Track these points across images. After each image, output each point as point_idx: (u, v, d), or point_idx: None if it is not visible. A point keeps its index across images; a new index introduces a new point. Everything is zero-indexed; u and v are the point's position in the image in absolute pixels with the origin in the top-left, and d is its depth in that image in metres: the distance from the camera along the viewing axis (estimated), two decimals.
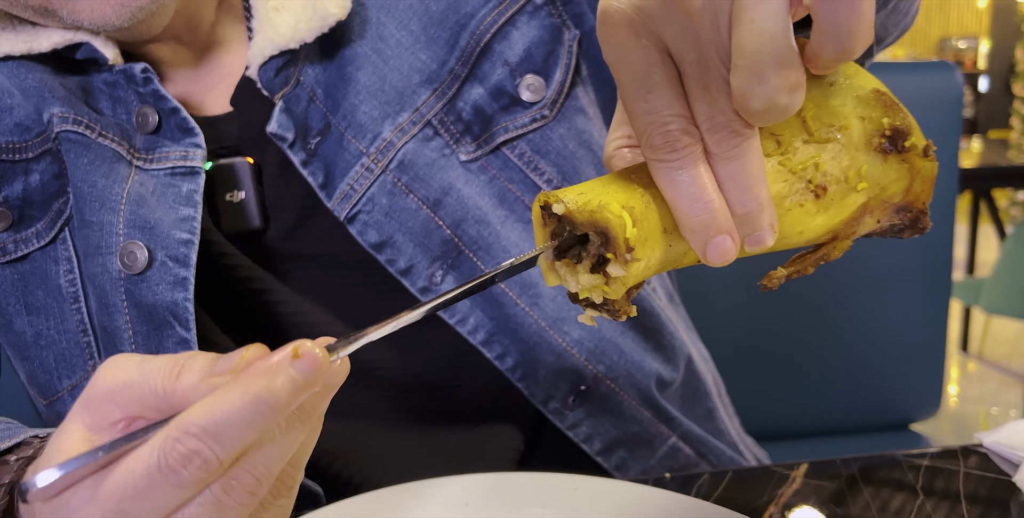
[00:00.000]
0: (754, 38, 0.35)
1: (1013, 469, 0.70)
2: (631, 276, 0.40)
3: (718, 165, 0.38)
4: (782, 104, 0.36)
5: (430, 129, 0.71)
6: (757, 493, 0.67)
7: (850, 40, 0.34)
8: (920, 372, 1.43)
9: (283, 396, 0.34)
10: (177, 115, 0.69)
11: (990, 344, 4.00)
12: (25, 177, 0.70)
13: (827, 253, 0.44)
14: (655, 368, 0.79)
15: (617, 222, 0.39)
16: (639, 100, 0.38)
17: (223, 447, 0.34)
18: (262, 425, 0.35)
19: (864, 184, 0.42)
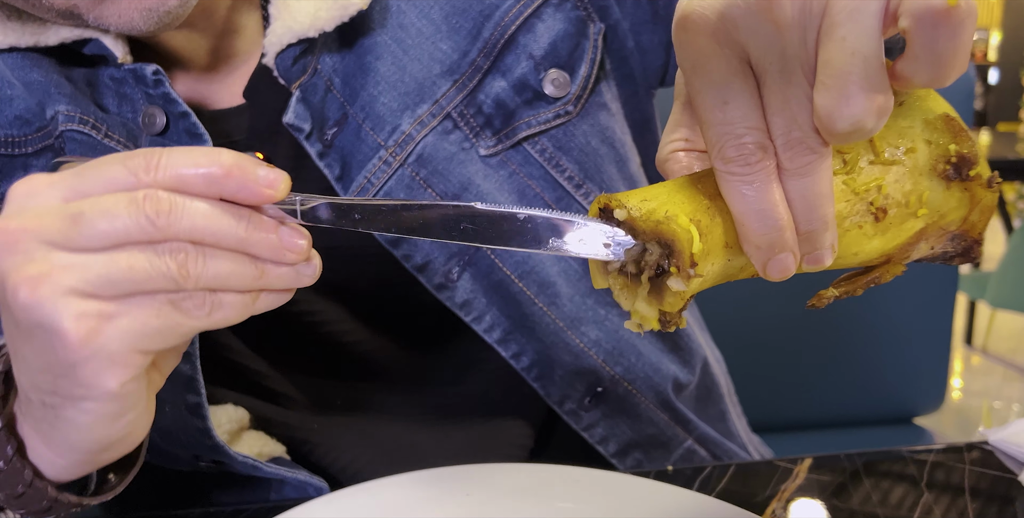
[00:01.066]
0: (845, 57, 0.34)
1: (1018, 467, 0.70)
2: (691, 291, 0.40)
3: (789, 181, 0.37)
4: (868, 127, 0.35)
5: (450, 122, 0.70)
6: (760, 487, 0.67)
7: (945, 69, 0.33)
8: (925, 367, 1.43)
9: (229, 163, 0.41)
10: (187, 119, 0.68)
11: (994, 338, 3.99)
12: (24, 172, 0.68)
13: (879, 276, 0.44)
14: (672, 371, 0.79)
15: (685, 236, 0.38)
16: (715, 110, 0.37)
17: (167, 159, 0.40)
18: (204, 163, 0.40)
19: (924, 210, 0.41)
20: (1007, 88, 6.70)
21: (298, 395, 0.78)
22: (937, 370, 1.44)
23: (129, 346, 0.40)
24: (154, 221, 0.39)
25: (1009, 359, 3.81)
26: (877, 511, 0.63)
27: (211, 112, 0.71)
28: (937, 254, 0.44)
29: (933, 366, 1.43)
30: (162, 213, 0.39)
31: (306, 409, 0.78)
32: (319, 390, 0.79)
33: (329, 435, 0.77)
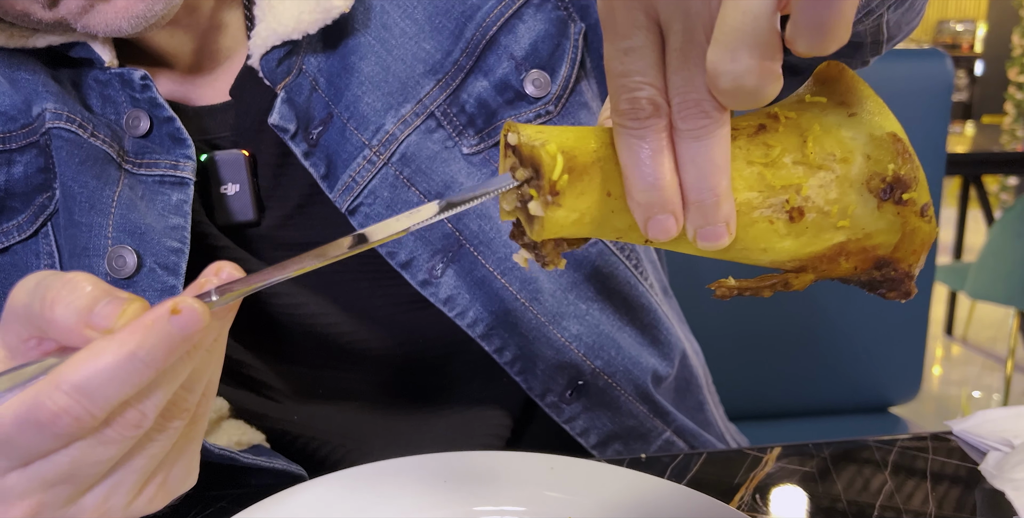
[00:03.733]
0: (737, 15, 0.34)
1: (980, 457, 0.72)
2: (552, 221, 0.40)
3: (681, 143, 0.37)
4: (749, 86, 0.35)
5: (433, 121, 0.71)
6: (730, 475, 0.69)
7: (824, 38, 0.34)
8: (901, 356, 1.45)
9: (159, 353, 0.35)
10: (171, 124, 0.68)
11: (974, 328, 4.04)
12: (8, 168, 0.69)
13: (787, 281, 0.43)
14: (651, 364, 0.80)
15: (548, 161, 0.39)
16: (615, 60, 0.38)
17: (95, 403, 0.35)
18: (137, 381, 0.35)
19: (845, 223, 0.41)
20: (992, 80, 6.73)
21: (280, 384, 0.79)
22: (912, 360, 1.46)
23: (123, 503, 0.40)
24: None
25: (988, 349, 3.85)
26: (842, 497, 0.66)
27: (195, 108, 0.72)
28: (863, 278, 0.43)
29: (909, 356, 1.46)
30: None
31: (287, 398, 0.79)
32: (300, 379, 0.80)
33: (310, 424, 0.79)
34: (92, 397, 0.35)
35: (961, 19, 8.45)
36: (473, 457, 0.65)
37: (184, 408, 0.40)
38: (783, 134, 0.41)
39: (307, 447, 0.78)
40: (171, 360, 0.36)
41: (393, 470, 0.63)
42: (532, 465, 0.64)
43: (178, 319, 0.35)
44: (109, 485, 0.39)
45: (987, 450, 0.72)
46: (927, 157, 1.38)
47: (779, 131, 0.41)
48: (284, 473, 0.70)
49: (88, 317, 0.36)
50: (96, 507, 0.39)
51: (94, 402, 0.35)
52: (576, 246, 0.43)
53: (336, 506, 0.60)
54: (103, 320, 0.36)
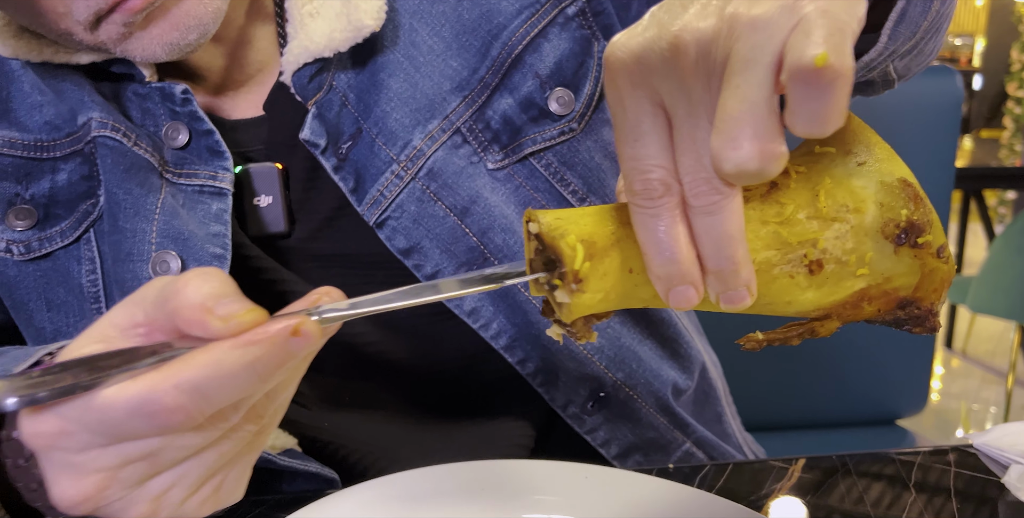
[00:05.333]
0: (735, 103, 0.36)
1: (1001, 470, 0.73)
2: (578, 305, 0.41)
3: (695, 219, 0.39)
4: (752, 170, 0.36)
5: (459, 136, 0.72)
6: (757, 485, 0.70)
7: (819, 124, 0.35)
8: (908, 371, 1.47)
9: (274, 367, 0.37)
10: (210, 137, 0.70)
11: (974, 341, 4.06)
12: (52, 176, 0.71)
13: (814, 329, 0.44)
14: (672, 376, 0.82)
15: (569, 253, 0.40)
16: (626, 146, 0.40)
17: (208, 404, 0.37)
18: (249, 390, 0.37)
19: (864, 270, 0.42)
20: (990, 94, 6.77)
21: (309, 391, 0.80)
22: (920, 374, 1.48)
23: (180, 497, 0.42)
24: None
25: (987, 362, 3.87)
26: (868, 510, 0.67)
27: (231, 122, 0.74)
28: (888, 319, 0.44)
29: (916, 371, 1.47)
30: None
31: (316, 405, 0.80)
32: (328, 387, 0.81)
33: (339, 431, 0.80)
34: (207, 398, 0.36)
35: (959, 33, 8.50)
36: (510, 465, 0.66)
37: (260, 414, 0.42)
38: (795, 190, 0.42)
39: (337, 454, 0.79)
40: (279, 375, 0.37)
41: (431, 477, 0.64)
42: (568, 474, 0.65)
43: (297, 341, 0.37)
44: (176, 474, 0.40)
45: (1008, 463, 0.73)
46: (936, 171, 1.40)
47: (791, 187, 0.42)
48: (317, 477, 0.71)
49: (213, 304, 0.37)
50: (157, 496, 0.40)
51: (208, 403, 0.37)
52: (606, 318, 0.45)
53: (379, 513, 0.61)
54: (226, 310, 0.37)
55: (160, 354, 0.37)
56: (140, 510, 0.40)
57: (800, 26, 0.35)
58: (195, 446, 0.39)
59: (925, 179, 1.50)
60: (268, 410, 0.42)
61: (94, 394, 0.36)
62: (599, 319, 0.45)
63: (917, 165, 1.53)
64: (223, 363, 0.36)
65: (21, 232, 0.70)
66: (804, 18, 0.35)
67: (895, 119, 1.36)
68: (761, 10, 0.36)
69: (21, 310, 0.72)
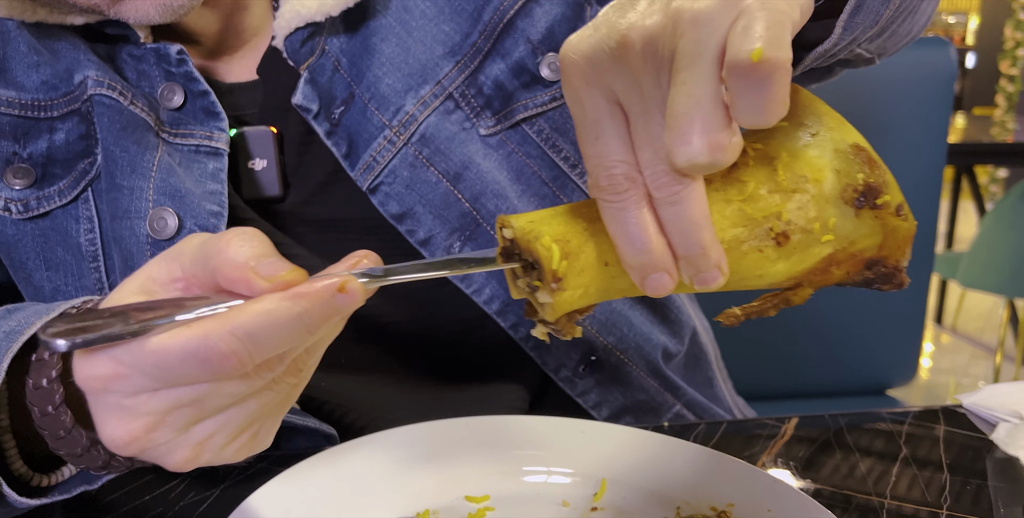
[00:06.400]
0: (683, 99, 0.37)
1: (989, 429, 0.74)
2: (560, 303, 0.42)
3: (660, 209, 0.40)
4: (703, 164, 0.37)
5: (451, 102, 0.72)
6: (750, 443, 0.71)
7: (761, 117, 0.36)
8: (899, 341, 1.48)
9: (320, 321, 0.38)
10: (205, 98, 0.71)
11: (964, 318, 4.09)
12: (50, 135, 0.71)
13: (788, 298, 0.45)
14: (662, 341, 0.83)
15: (545, 255, 0.41)
16: (588, 144, 0.41)
17: (259, 351, 0.38)
18: (295, 340, 0.38)
19: (829, 237, 0.43)
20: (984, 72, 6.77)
21: None
22: (910, 344, 1.49)
23: (221, 443, 0.43)
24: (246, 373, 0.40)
25: (977, 338, 3.90)
26: (860, 466, 0.68)
27: (225, 86, 0.74)
28: (857, 280, 0.46)
29: (907, 341, 1.49)
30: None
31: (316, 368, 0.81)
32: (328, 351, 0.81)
33: (336, 392, 0.81)
34: (259, 345, 0.37)
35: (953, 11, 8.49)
36: (509, 421, 0.67)
37: (300, 368, 0.43)
38: (754, 167, 0.43)
39: (333, 413, 0.80)
40: (324, 329, 0.39)
41: (431, 432, 0.65)
42: (566, 429, 0.66)
43: (343, 297, 0.38)
44: (220, 421, 0.42)
45: (996, 422, 0.75)
46: (929, 145, 1.40)
47: (749, 165, 0.43)
48: (315, 434, 0.72)
49: (255, 264, 0.38)
50: (200, 441, 0.42)
51: (259, 350, 0.38)
52: (588, 312, 0.46)
53: (380, 467, 0.62)
54: (269, 270, 0.38)
55: (206, 304, 0.38)
56: (183, 454, 0.42)
57: (739, 20, 0.36)
58: (240, 394, 0.41)
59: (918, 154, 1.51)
60: (307, 364, 0.43)
61: (148, 338, 0.38)
62: (581, 314, 0.46)
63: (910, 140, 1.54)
64: (275, 313, 0.37)
65: (19, 191, 0.70)
66: (744, 12, 0.36)
67: (887, 93, 1.37)
68: (703, 5, 0.37)
69: (20, 269, 0.72)
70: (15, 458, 0.52)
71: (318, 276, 0.39)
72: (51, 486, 0.54)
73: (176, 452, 0.42)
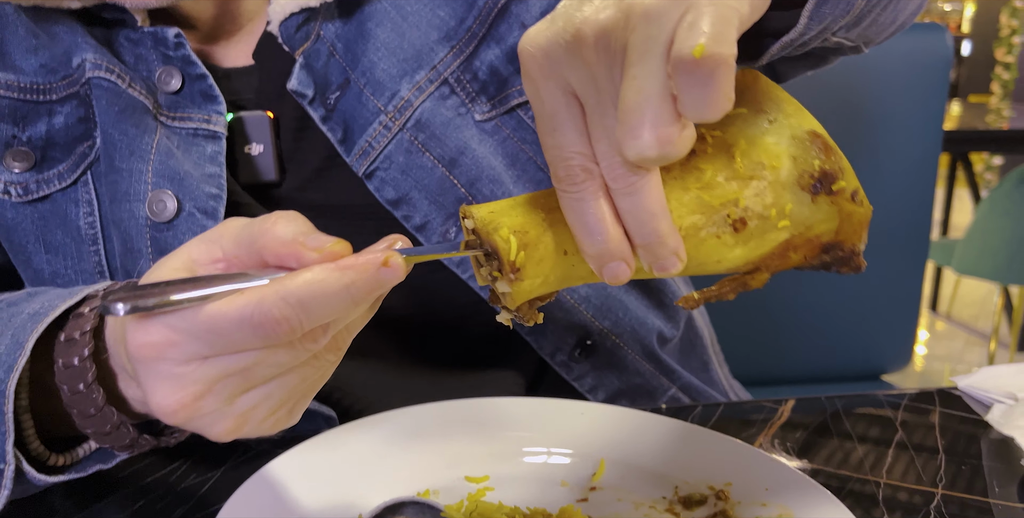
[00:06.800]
0: (632, 95, 0.37)
1: (984, 410, 0.75)
2: (518, 293, 0.43)
3: (617, 199, 0.41)
4: (653, 157, 0.38)
5: (446, 87, 0.72)
6: (747, 424, 0.72)
7: (706, 111, 0.37)
8: (894, 326, 1.49)
9: (365, 292, 0.39)
10: (203, 82, 0.71)
11: (958, 305, 4.10)
12: (49, 118, 0.71)
13: (746, 282, 0.46)
14: (657, 325, 0.83)
15: (503, 245, 0.42)
16: (546, 135, 0.42)
17: (310, 319, 0.39)
18: (342, 310, 0.40)
19: (786, 222, 0.44)
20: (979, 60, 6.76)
21: None
22: (906, 331, 1.50)
23: (263, 415, 0.44)
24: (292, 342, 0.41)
25: (971, 325, 3.92)
26: (856, 448, 0.68)
27: (222, 70, 0.74)
28: (815, 263, 0.46)
29: (902, 327, 1.50)
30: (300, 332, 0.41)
31: None
32: None
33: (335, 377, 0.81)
34: (310, 313, 0.39)
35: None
36: (508, 402, 0.68)
37: (339, 346, 0.44)
38: (712, 155, 0.44)
39: (331, 397, 0.80)
40: (367, 301, 0.40)
41: (431, 414, 0.66)
42: (565, 410, 0.67)
43: (387, 271, 0.39)
44: (263, 392, 0.43)
45: (991, 403, 0.75)
46: (925, 132, 1.40)
47: (708, 152, 0.44)
48: (315, 416, 0.73)
49: (304, 239, 0.40)
50: (243, 412, 0.43)
51: (309, 318, 0.39)
52: (550, 299, 0.47)
53: (380, 448, 0.62)
54: (316, 243, 0.40)
55: (253, 278, 0.40)
56: (227, 424, 0.43)
57: (686, 16, 0.37)
58: (286, 365, 0.42)
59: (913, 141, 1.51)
60: (345, 343, 0.44)
61: (202, 306, 0.39)
62: (543, 301, 0.47)
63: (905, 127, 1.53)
64: (325, 282, 0.39)
65: (19, 174, 0.70)
66: (691, 7, 0.37)
67: (884, 80, 1.37)
68: (654, 0, 0.37)
69: (19, 252, 0.73)
70: (33, 438, 0.53)
71: (359, 253, 0.40)
72: (66, 465, 0.55)
73: (220, 422, 0.43)
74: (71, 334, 0.49)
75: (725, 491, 0.58)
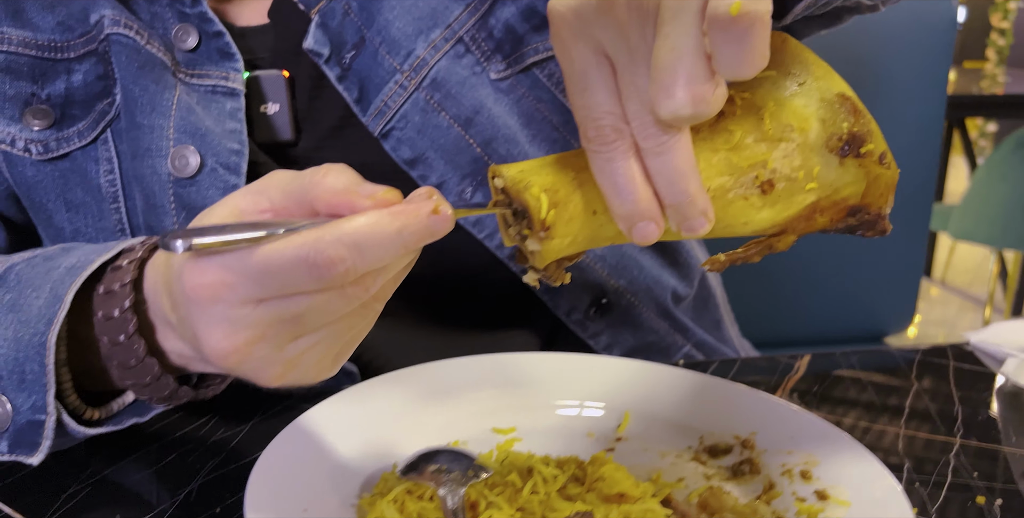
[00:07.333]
0: (666, 53, 0.37)
1: (996, 364, 0.76)
2: (548, 251, 0.43)
3: (647, 159, 0.41)
4: (686, 115, 0.38)
5: (462, 46, 0.72)
6: (766, 378, 0.73)
7: (742, 69, 0.37)
8: (896, 289, 1.50)
9: (417, 238, 0.40)
10: (220, 39, 0.70)
11: (953, 271, 4.12)
12: (67, 77, 0.71)
13: (772, 245, 0.47)
14: (671, 283, 0.84)
15: (534, 204, 0.42)
16: (576, 96, 0.42)
17: (364, 261, 0.39)
18: (394, 254, 0.40)
19: (814, 184, 0.44)
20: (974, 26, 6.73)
21: None
22: (907, 291, 1.51)
23: (310, 362, 0.45)
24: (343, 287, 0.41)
25: (965, 290, 3.94)
26: (874, 399, 0.70)
27: (237, 29, 0.74)
28: (840, 227, 0.47)
29: (903, 288, 1.51)
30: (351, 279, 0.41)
31: None
32: None
33: None
34: (364, 256, 0.39)
35: None
36: (535, 358, 0.69)
37: (384, 295, 0.44)
38: (741, 117, 0.44)
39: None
40: (417, 248, 0.40)
41: (459, 368, 0.66)
42: (586, 364, 0.67)
43: (436, 218, 0.40)
44: (313, 340, 0.43)
45: (1004, 357, 0.77)
46: (928, 95, 1.40)
47: (736, 114, 0.44)
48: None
49: (356, 187, 0.40)
50: (292, 359, 0.43)
51: (364, 260, 0.39)
52: (577, 259, 0.48)
53: (414, 399, 0.63)
54: (368, 190, 0.40)
55: (304, 223, 0.39)
56: (276, 370, 0.43)
57: None
58: (336, 312, 0.42)
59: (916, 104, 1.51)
60: (389, 292, 0.44)
61: (258, 247, 0.39)
62: (570, 261, 0.47)
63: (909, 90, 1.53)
64: (379, 225, 0.39)
65: (39, 132, 0.70)
66: None
67: (887, 43, 1.37)
68: None
69: (40, 211, 0.73)
70: (70, 391, 0.54)
71: (408, 200, 0.41)
72: (102, 419, 0.56)
73: (270, 367, 0.43)
74: (110, 286, 0.50)
75: (750, 440, 0.59)
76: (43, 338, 0.51)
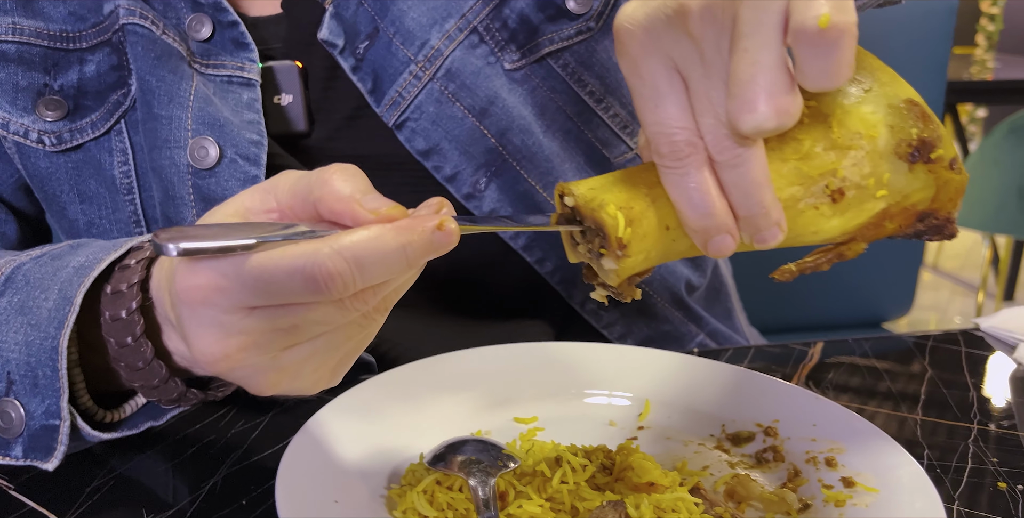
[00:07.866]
0: (746, 67, 0.37)
1: (1008, 350, 0.77)
2: (624, 269, 0.43)
3: (722, 172, 0.41)
4: (770, 129, 0.38)
5: (476, 36, 0.72)
6: (781, 366, 0.73)
7: (829, 81, 0.37)
8: (896, 275, 1.51)
9: (420, 255, 0.39)
10: (235, 29, 0.70)
11: (944, 256, 4.15)
12: (80, 67, 0.70)
13: (842, 253, 0.46)
14: (685, 273, 0.84)
15: (611, 222, 0.42)
16: (648, 111, 0.41)
17: (364, 276, 0.38)
18: (395, 270, 0.39)
19: (884, 192, 0.44)
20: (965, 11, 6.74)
21: None
22: (907, 277, 1.52)
23: (306, 372, 0.44)
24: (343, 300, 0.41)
25: (957, 275, 3.96)
26: (889, 386, 0.70)
27: (250, 19, 0.73)
28: (908, 232, 0.46)
29: (903, 273, 1.52)
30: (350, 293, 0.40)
31: None
32: None
33: None
34: (364, 271, 0.38)
35: None
36: (561, 347, 0.69)
37: (385, 306, 0.44)
38: (808, 125, 0.43)
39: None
40: (420, 264, 0.39)
41: (484, 358, 0.66)
42: (603, 353, 0.67)
43: (441, 235, 0.39)
44: (309, 350, 0.42)
45: (1015, 343, 0.77)
46: (929, 79, 1.41)
47: (804, 123, 0.43)
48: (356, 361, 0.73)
49: (360, 197, 0.39)
50: (286, 367, 0.42)
51: (363, 275, 0.38)
52: (646, 275, 0.47)
53: (434, 390, 0.63)
54: (373, 204, 0.39)
55: (307, 230, 0.39)
56: (268, 378, 0.43)
57: None
58: (333, 323, 0.41)
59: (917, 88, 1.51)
60: (391, 303, 0.44)
61: (254, 253, 0.38)
62: (641, 276, 0.47)
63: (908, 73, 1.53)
64: (381, 240, 0.38)
65: (52, 123, 0.70)
66: None
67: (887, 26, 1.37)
68: None
69: (54, 202, 0.72)
70: (83, 392, 0.53)
71: (413, 216, 0.40)
72: (116, 422, 0.55)
73: (262, 376, 0.42)
74: (117, 287, 0.49)
75: (773, 427, 0.59)
76: (54, 342, 0.50)
